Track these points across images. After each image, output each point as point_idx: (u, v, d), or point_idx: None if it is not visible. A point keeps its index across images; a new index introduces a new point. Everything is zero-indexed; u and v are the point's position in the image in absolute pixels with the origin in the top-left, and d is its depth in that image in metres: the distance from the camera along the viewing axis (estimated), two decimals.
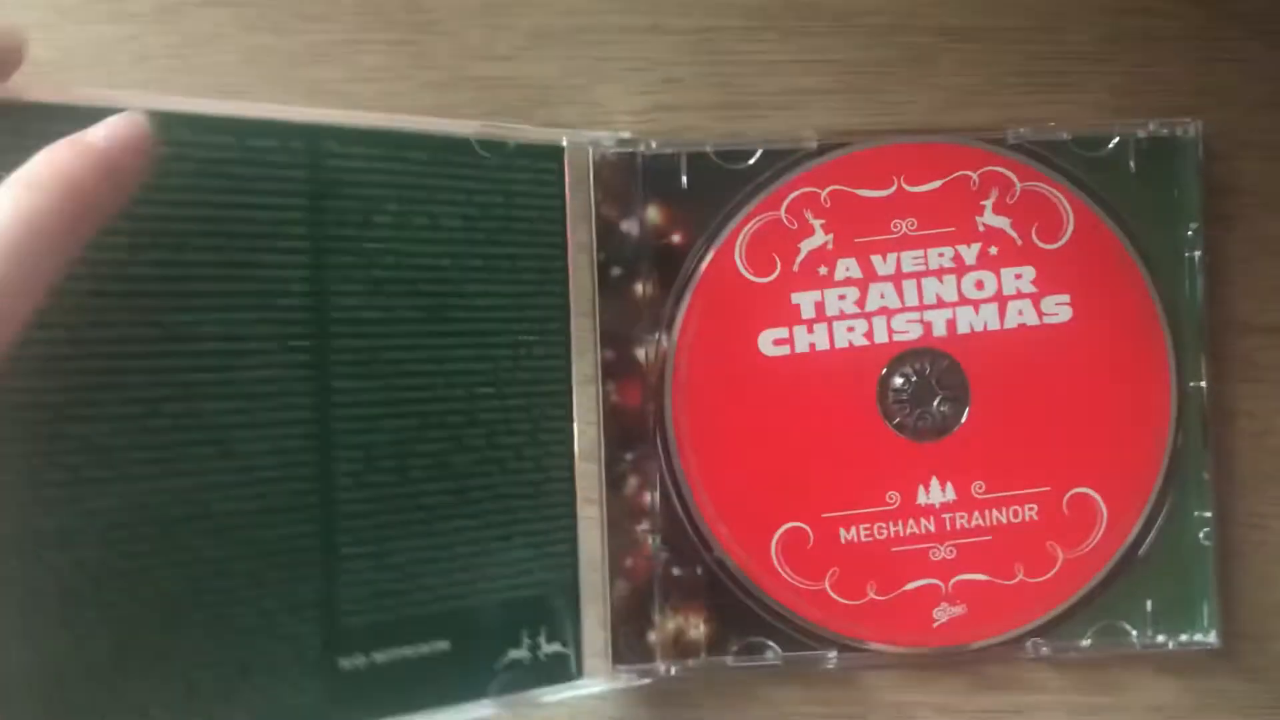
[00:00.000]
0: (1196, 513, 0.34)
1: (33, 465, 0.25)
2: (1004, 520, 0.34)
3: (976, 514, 0.34)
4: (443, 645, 0.30)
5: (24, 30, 0.25)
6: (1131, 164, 0.34)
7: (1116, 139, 0.34)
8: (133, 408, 0.26)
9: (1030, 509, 0.34)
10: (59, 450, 0.25)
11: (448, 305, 0.30)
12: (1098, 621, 0.34)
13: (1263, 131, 0.35)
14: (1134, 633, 0.34)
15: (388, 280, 0.29)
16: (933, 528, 0.34)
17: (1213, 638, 0.34)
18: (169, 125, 0.26)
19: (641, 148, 0.33)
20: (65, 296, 0.24)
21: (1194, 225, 0.34)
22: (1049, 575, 0.34)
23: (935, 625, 0.34)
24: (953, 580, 0.34)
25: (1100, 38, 0.35)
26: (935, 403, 0.34)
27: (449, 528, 0.30)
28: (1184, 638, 0.34)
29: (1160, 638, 0.34)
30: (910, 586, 0.34)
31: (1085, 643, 0.34)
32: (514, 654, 0.31)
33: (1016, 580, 0.34)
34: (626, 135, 0.33)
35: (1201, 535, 0.34)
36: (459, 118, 0.31)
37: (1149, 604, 0.34)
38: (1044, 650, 0.34)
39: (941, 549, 0.34)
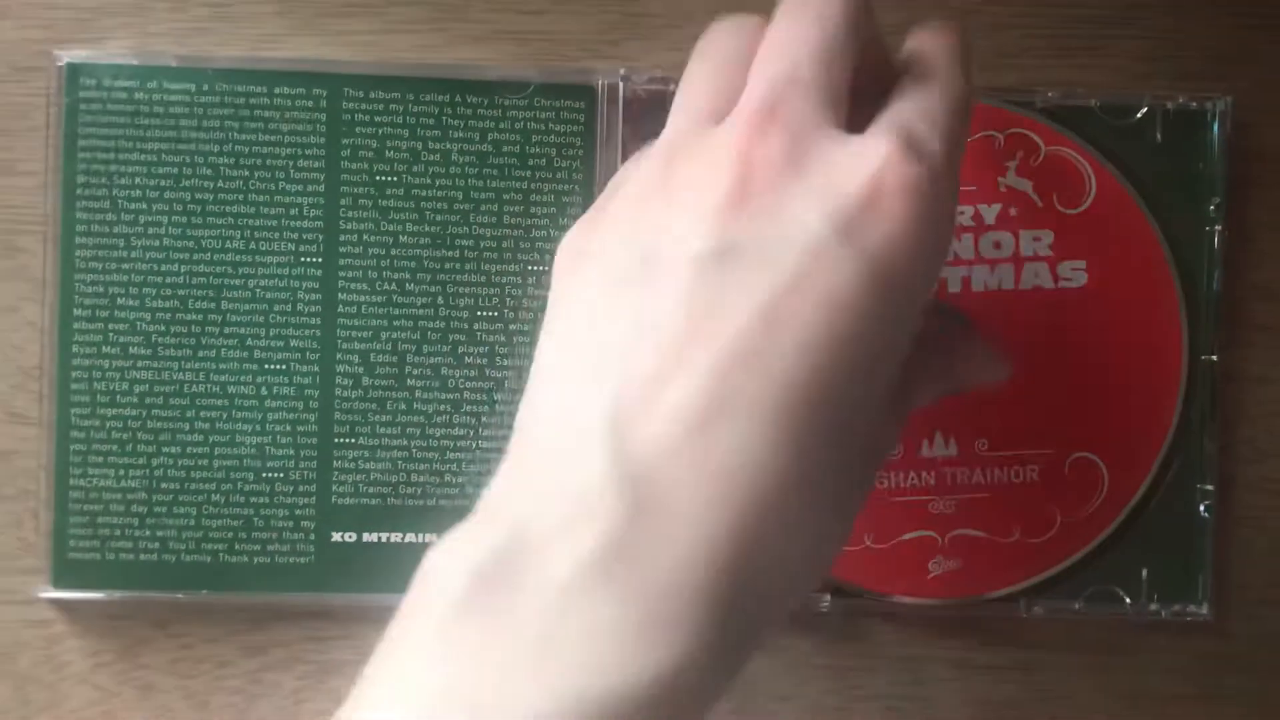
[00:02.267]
0: (1199, 484, 0.35)
1: (94, 340, 0.34)
2: (1005, 479, 0.35)
3: (978, 471, 0.35)
4: (430, 538, 0.36)
5: None
6: (1158, 135, 0.35)
7: (1145, 109, 0.36)
8: (169, 302, 0.35)
9: (1032, 470, 0.35)
10: (113, 330, 0.35)
11: (453, 234, 0.36)
12: (1092, 585, 0.36)
13: None
14: (1128, 599, 0.35)
15: (394, 209, 0.35)
16: (933, 481, 0.35)
17: (1205, 610, 0.36)
18: (210, 77, 0.34)
19: (672, 86, 0.36)
20: (122, 213, 0.34)
21: (1216, 200, 0.35)
22: (1046, 537, 0.35)
23: (930, 577, 0.35)
24: (950, 534, 0.35)
25: (1129, 2, 0.36)
26: None
27: (442, 434, 0.36)
28: (1177, 608, 0.35)
29: (1154, 606, 0.35)
30: (907, 537, 0.35)
31: (1078, 605, 0.35)
32: None
33: (1014, 539, 0.34)
34: (658, 73, 0.36)
35: (1202, 507, 0.35)
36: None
37: (1144, 572, 0.35)
38: (1036, 610, 0.35)
39: (941, 502, 0.35)
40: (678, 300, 0.24)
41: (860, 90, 0.27)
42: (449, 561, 0.24)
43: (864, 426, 0.25)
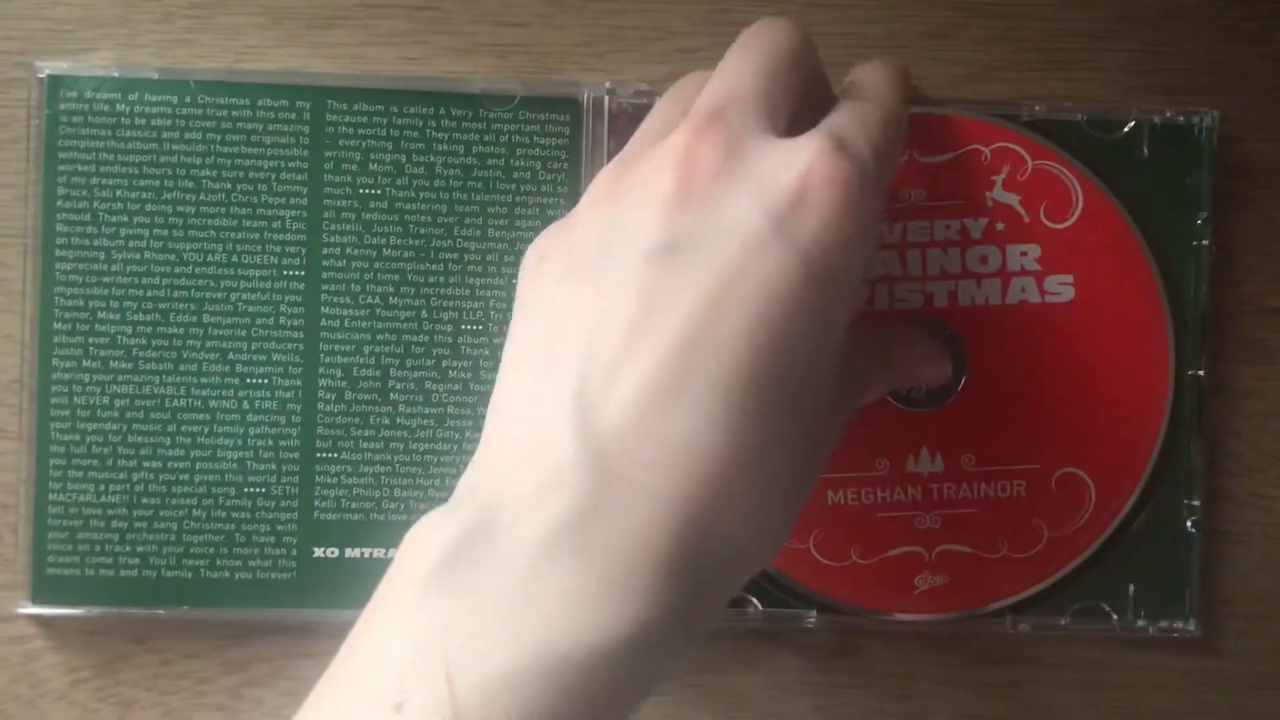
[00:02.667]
0: (1186, 500, 0.36)
1: (74, 354, 0.34)
2: (991, 494, 0.35)
3: (964, 486, 0.35)
4: None
5: None
6: (1145, 149, 0.36)
7: (1132, 123, 0.36)
8: (150, 315, 0.35)
9: (1018, 485, 0.35)
10: (94, 344, 0.34)
11: (437, 247, 0.36)
12: (1079, 601, 0.36)
13: (1278, 112, 0.37)
14: (1115, 616, 0.36)
15: (378, 222, 0.35)
16: (920, 497, 0.35)
17: (1193, 626, 0.36)
18: (192, 89, 0.35)
19: (657, 98, 0.36)
20: (103, 225, 0.34)
21: (1204, 214, 0.36)
22: (1033, 552, 0.35)
23: (916, 592, 0.35)
24: (936, 549, 0.35)
25: (1117, 15, 0.37)
26: None
27: (426, 449, 0.36)
28: (1164, 624, 0.36)
29: (1141, 622, 0.36)
30: (893, 552, 0.35)
31: (1064, 621, 0.36)
32: None
33: (1000, 554, 0.35)
34: (643, 86, 0.36)
35: (1189, 523, 0.36)
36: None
37: (1131, 588, 0.36)
38: (1023, 626, 0.36)
39: (926, 518, 0.35)
40: (630, 293, 0.26)
41: (804, 120, 0.29)
42: (428, 537, 0.26)
43: (808, 410, 0.28)
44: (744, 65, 0.29)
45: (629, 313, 0.26)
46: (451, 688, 0.24)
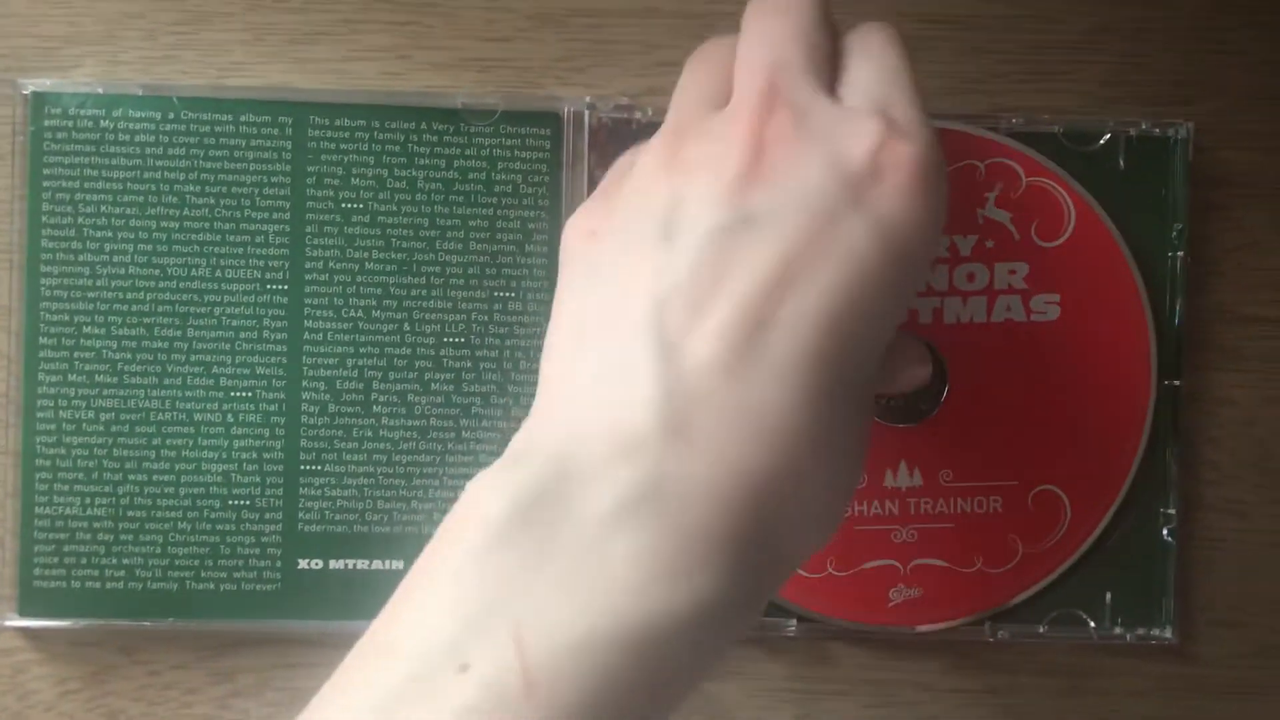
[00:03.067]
0: (1162, 509, 0.36)
1: (60, 370, 0.35)
2: (968, 510, 0.35)
3: (941, 501, 0.35)
4: (397, 564, 0.36)
5: None
6: (1121, 161, 0.36)
7: (1108, 135, 0.36)
8: (135, 330, 0.35)
9: (995, 501, 0.35)
10: (79, 359, 0.35)
11: (419, 261, 0.36)
12: (1055, 609, 0.36)
13: (1252, 122, 0.37)
14: (1092, 624, 0.36)
15: (360, 236, 0.36)
16: (896, 511, 0.35)
17: (1169, 634, 0.36)
18: (176, 105, 0.35)
19: (638, 114, 0.37)
20: (88, 241, 0.34)
21: (1179, 225, 0.36)
22: (1007, 567, 0.35)
23: (890, 605, 0.36)
24: (911, 563, 0.35)
25: (1095, 27, 0.37)
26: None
27: (409, 461, 0.36)
28: (1141, 631, 0.36)
29: (1118, 630, 0.36)
30: (869, 565, 0.36)
31: (1042, 629, 0.36)
32: None
33: (975, 569, 0.35)
34: (624, 101, 0.37)
35: (1165, 531, 0.36)
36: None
37: (1108, 596, 0.36)
38: (1001, 634, 0.36)
39: (903, 532, 0.35)
40: (704, 261, 0.26)
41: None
42: (489, 495, 0.25)
43: (868, 393, 0.27)
44: (783, 28, 0.29)
45: (704, 278, 0.26)
46: (520, 651, 0.23)
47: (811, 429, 0.25)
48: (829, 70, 0.29)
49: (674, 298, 0.26)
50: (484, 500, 0.25)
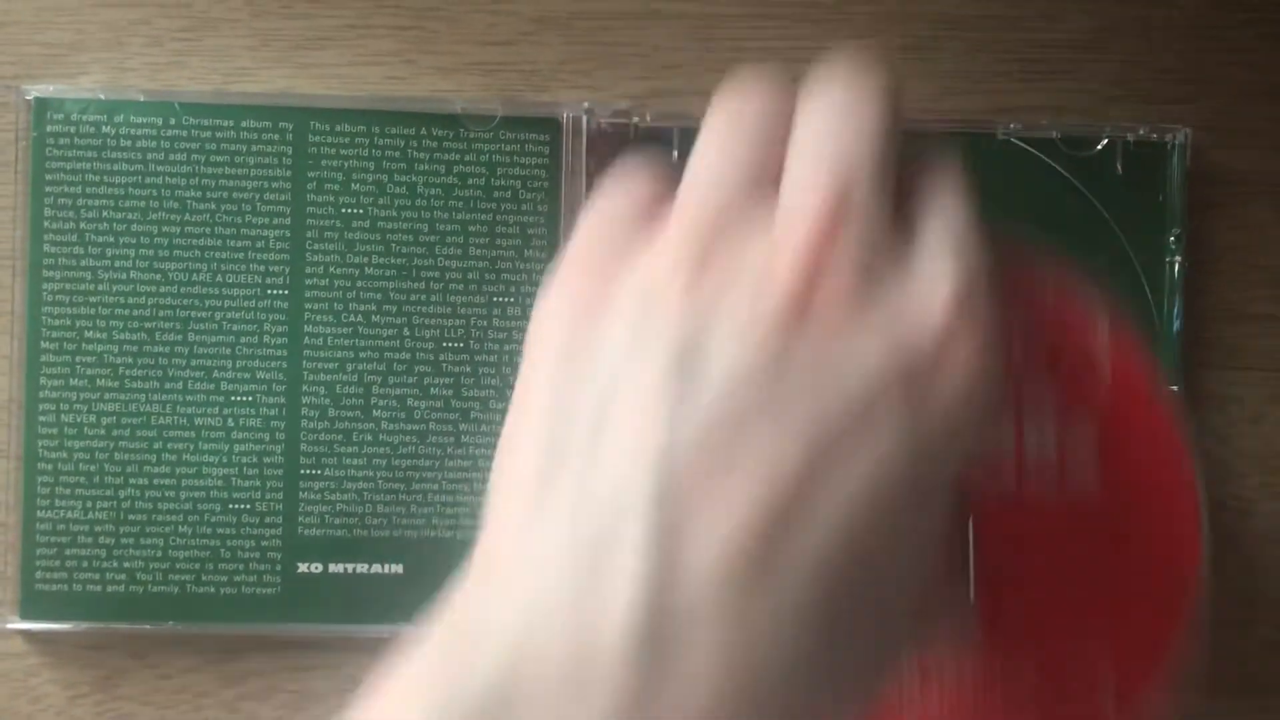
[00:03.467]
0: None
1: (62, 374, 0.35)
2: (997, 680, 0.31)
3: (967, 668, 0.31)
4: (396, 568, 0.36)
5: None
6: (1119, 166, 0.36)
7: (1105, 140, 0.36)
8: (136, 334, 0.35)
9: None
10: (81, 363, 0.35)
11: (419, 266, 0.36)
12: None
13: (1254, 121, 0.37)
14: None
15: (360, 241, 0.36)
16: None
17: None
18: (177, 111, 0.35)
19: (636, 119, 0.36)
20: (90, 246, 0.35)
21: (1177, 231, 0.36)
22: None
23: None
24: None
25: (1097, 27, 0.37)
26: None
27: (408, 465, 0.36)
28: None
29: None
30: None
31: None
32: None
33: None
34: (623, 106, 0.37)
35: None
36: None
37: None
38: None
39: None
40: (713, 432, 0.21)
41: None
42: (421, 694, 0.21)
43: (891, 602, 0.23)
44: (861, 116, 0.23)
45: (712, 456, 0.21)
46: None
47: (810, 674, 0.21)
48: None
49: (686, 467, 0.20)
50: (414, 701, 0.21)
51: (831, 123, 0.23)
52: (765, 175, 0.23)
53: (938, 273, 0.22)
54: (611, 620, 0.20)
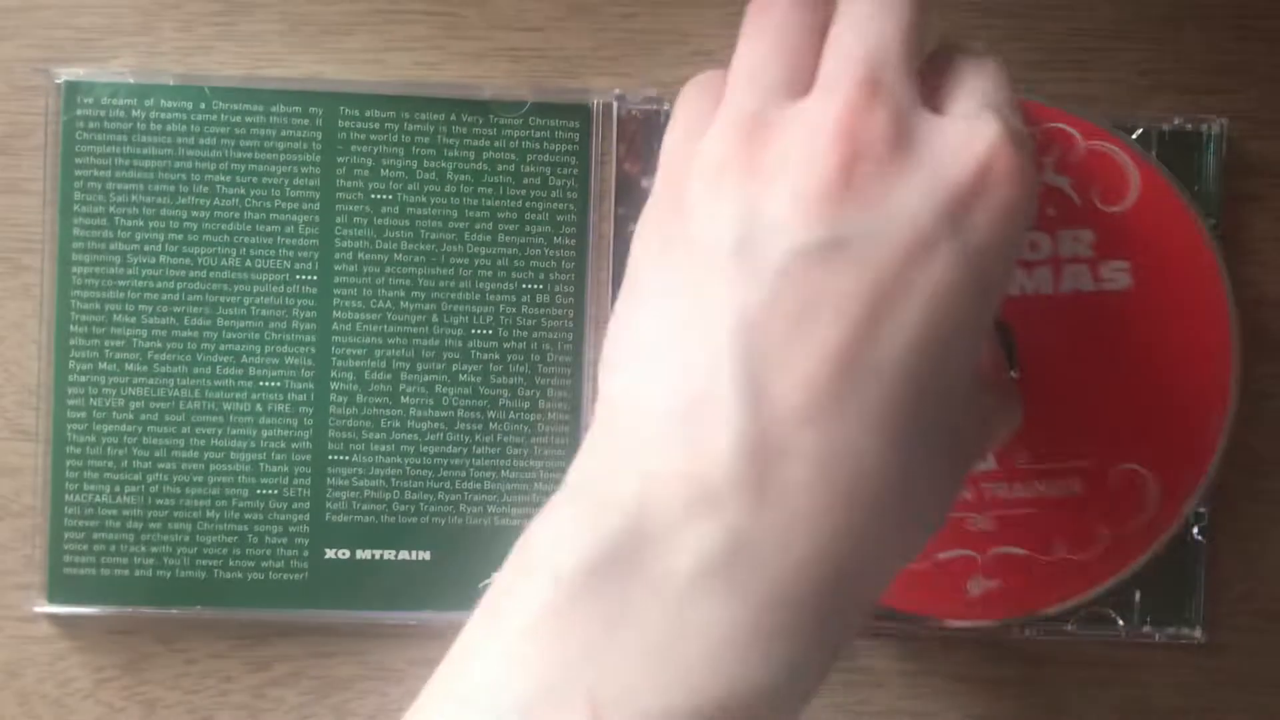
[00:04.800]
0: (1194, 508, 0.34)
1: (91, 359, 0.34)
2: (1046, 494, 0.33)
3: (1018, 485, 0.33)
4: (424, 555, 0.35)
5: None
6: (1154, 154, 0.34)
7: (1140, 130, 0.34)
8: (165, 319, 0.35)
9: (1074, 483, 0.33)
10: (109, 347, 0.34)
11: (447, 252, 0.35)
12: (1084, 608, 0.34)
13: None
14: (1120, 622, 0.34)
15: (389, 227, 0.35)
16: (971, 497, 0.33)
17: (1199, 633, 0.35)
18: (207, 96, 0.34)
19: (667, 106, 0.35)
20: (119, 230, 0.34)
21: (1213, 221, 0.34)
22: (1092, 554, 0.33)
23: (968, 597, 0.33)
24: (990, 552, 0.33)
25: (1131, 15, 0.36)
26: None
27: (436, 452, 0.35)
28: (1170, 631, 0.34)
29: (1146, 629, 0.34)
30: (944, 556, 0.33)
31: (1069, 628, 0.34)
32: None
33: (1057, 557, 0.33)
34: (653, 93, 0.36)
35: (1196, 530, 0.34)
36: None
37: (1137, 595, 0.34)
38: (1028, 632, 0.35)
39: (980, 519, 0.33)
40: (784, 291, 0.23)
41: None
42: (562, 545, 0.23)
43: (953, 427, 0.25)
44: (888, 14, 0.26)
45: (785, 313, 0.23)
46: None
47: (895, 483, 0.23)
48: (921, 82, 0.26)
49: (758, 332, 0.23)
50: (556, 550, 0.23)
51: (861, 13, 0.26)
52: (802, 69, 0.26)
53: (971, 116, 0.25)
54: (718, 458, 0.23)
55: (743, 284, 0.24)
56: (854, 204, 0.24)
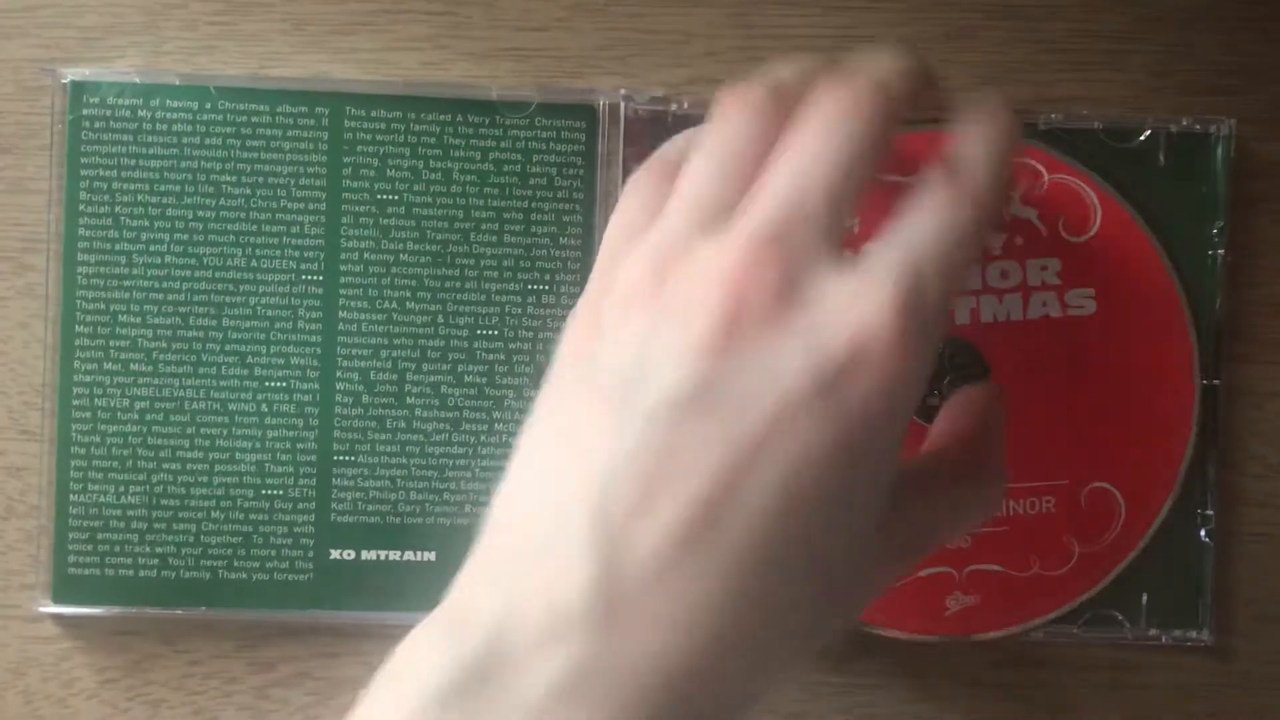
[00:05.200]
0: (1200, 509, 0.35)
1: (96, 358, 0.34)
2: (1021, 512, 0.34)
3: None
4: (429, 556, 0.35)
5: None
6: (1161, 157, 0.35)
7: (1148, 131, 0.35)
8: (170, 319, 0.34)
9: (1048, 501, 0.34)
10: (115, 347, 0.34)
11: (453, 253, 0.35)
12: (1091, 610, 0.35)
13: None
14: (1127, 624, 0.35)
15: (395, 227, 0.35)
16: None
17: (1206, 635, 0.35)
18: (213, 95, 0.34)
19: (673, 106, 0.35)
20: (124, 230, 0.34)
21: (1219, 223, 0.35)
22: (1064, 569, 0.34)
23: (947, 614, 0.34)
24: (966, 569, 0.34)
25: (1138, 16, 0.36)
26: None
27: (441, 452, 0.35)
28: (1177, 633, 0.35)
29: (1153, 631, 0.35)
30: (924, 573, 0.34)
31: (1076, 630, 0.35)
32: None
33: (1031, 573, 0.34)
34: (659, 94, 0.35)
35: (1204, 533, 0.35)
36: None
37: (1144, 597, 0.35)
38: (1035, 634, 0.35)
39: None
40: (654, 441, 0.24)
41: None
42: (429, 661, 0.24)
43: (832, 574, 0.25)
44: (824, 157, 0.25)
45: (651, 463, 0.24)
46: None
47: (751, 621, 0.24)
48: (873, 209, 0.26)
49: (622, 478, 0.24)
50: (423, 662, 0.24)
51: (799, 147, 0.26)
52: (743, 193, 0.26)
53: (869, 274, 0.25)
54: (573, 591, 0.23)
55: (615, 428, 0.24)
56: (729, 357, 0.24)
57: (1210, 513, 0.34)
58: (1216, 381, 0.35)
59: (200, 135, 0.34)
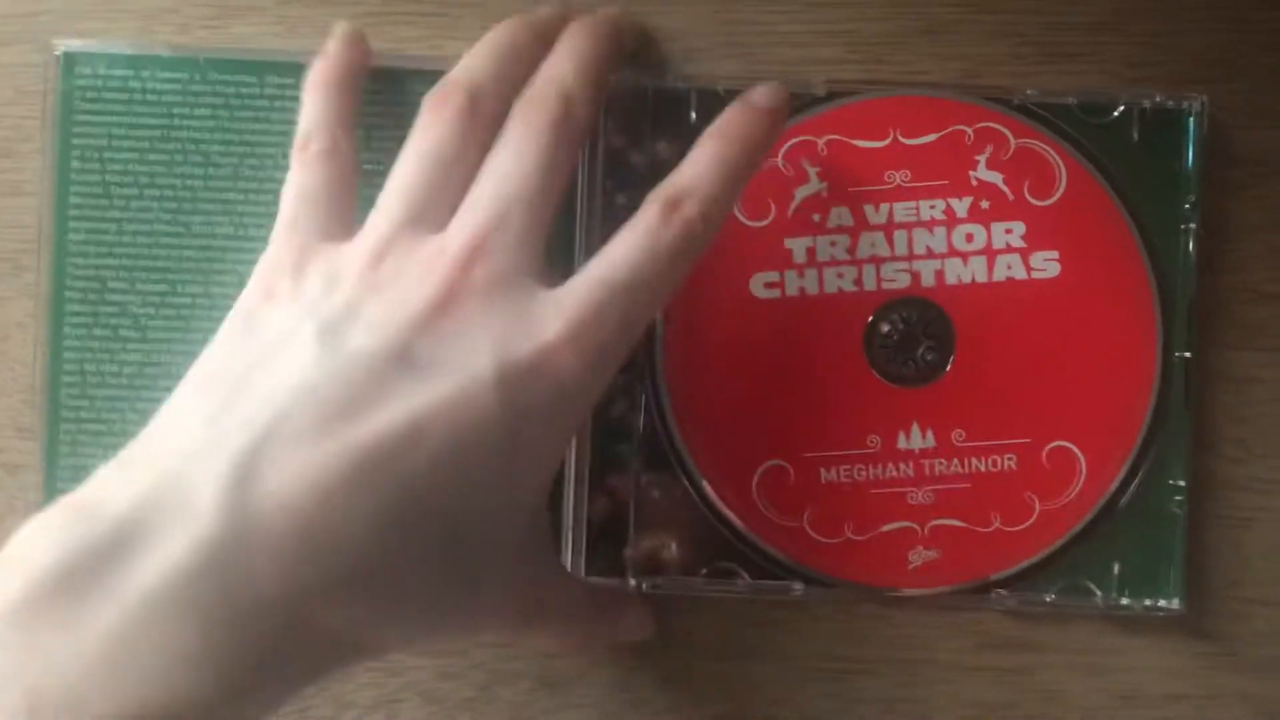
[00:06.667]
0: (1171, 480, 0.34)
1: (86, 324, 0.34)
2: (983, 469, 0.33)
3: (955, 461, 0.34)
4: None
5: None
6: (1135, 133, 0.34)
7: (1122, 107, 0.34)
8: (159, 286, 0.34)
9: (1009, 459, 0.33)
10: (104, 313, 0.34)
11: None
12: (1063, 579, 0.35)
13: (1274, 101, 0.35)
14: (1099, 593, 0.34)
15: (379, 192, 0.35)
16: (911, 473, 0.34)
17: (1177, 604, 0.34)
18: (202, 67, 0.34)
19: (653, 81, 0.35)
20: (115, 198, 0.34)
21: (1191, 198, 0.34)
22: (1025, 525, 0.34)
23: (910, 568, 0.34)
24: (929, 524, 0.34)
25: (1115, 8, 0.35)
26: (920, 350, 0.35)
27: None
28: (1148, 602, 0.34)
29: (1125, 600, 0.34)
30: (887, 528, 0.34)
31: (1049, 598, 0.34)
32: None
33: (993, 529, 0.33)
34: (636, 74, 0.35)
35: (1174, 502, 0.34)
36: None
37: (1116, 566, 0.34)
38: (1008, 602, 0.34)
39: (919, 494, 0.34)
40: (343, 384, 0.26)
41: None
42: (38, 546, 0.24)
43: (487, 554, 0.27)
44: (524, 169, 0.29)
45: (335, 400, 0.25)
46: None
47: (385, 571, 0.25)
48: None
49: (301, 410, 0.25)
50: (34, 549, 0.24)
51: (506, 154, 0.29)
52: (441, 200, 0.29)
53: (569, 293, 0.28)
54: (206, 493, 0.24)
55: (317, 354, 0.26)
56: (434, 335, 0.26)
57: (1181, 483, 0.34)
58: (1188, 354, 0.34)
59: (190, 106, 0.34)
